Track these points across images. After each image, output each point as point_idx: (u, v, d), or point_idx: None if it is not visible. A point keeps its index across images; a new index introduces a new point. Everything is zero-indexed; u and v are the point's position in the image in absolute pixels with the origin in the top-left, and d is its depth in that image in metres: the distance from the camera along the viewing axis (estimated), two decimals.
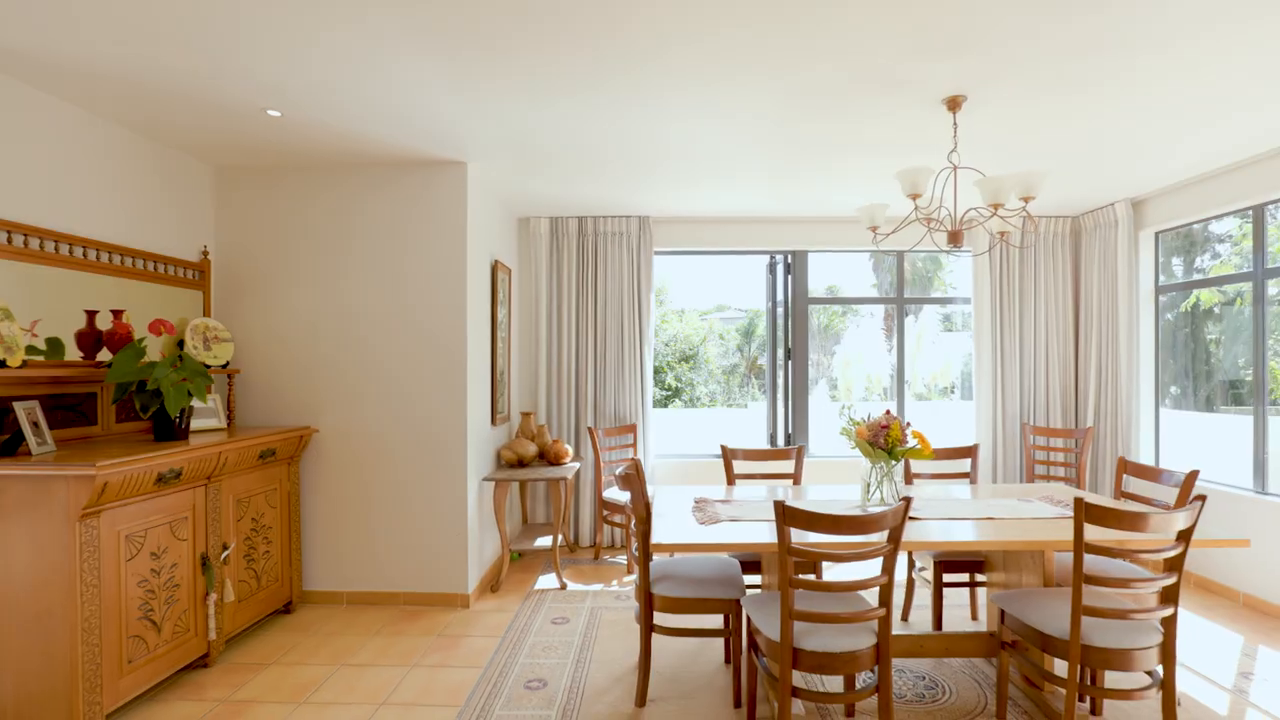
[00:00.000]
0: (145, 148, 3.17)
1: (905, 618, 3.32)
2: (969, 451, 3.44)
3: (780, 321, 5.04)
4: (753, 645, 2.35)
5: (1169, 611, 2.05)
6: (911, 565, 3.33)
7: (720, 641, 3.09)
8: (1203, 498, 2.03)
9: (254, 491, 3.15)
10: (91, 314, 2.81)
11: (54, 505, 2.22)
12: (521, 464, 4.04)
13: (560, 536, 3.93)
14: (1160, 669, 2.14)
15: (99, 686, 2.28)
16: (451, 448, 3.59)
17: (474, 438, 3.69)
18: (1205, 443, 4.01)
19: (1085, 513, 1.98)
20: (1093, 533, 2.21)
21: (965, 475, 3.45)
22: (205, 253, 3.56)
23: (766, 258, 5.10)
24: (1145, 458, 4.33)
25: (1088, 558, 2.89)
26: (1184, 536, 2.04)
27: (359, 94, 2.68)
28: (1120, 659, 2.04)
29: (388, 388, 3.60)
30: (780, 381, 5.03)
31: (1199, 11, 2.02)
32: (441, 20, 2.11)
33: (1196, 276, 7.36)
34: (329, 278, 3.63)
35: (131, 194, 3.09)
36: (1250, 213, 3.73)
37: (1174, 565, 2.06)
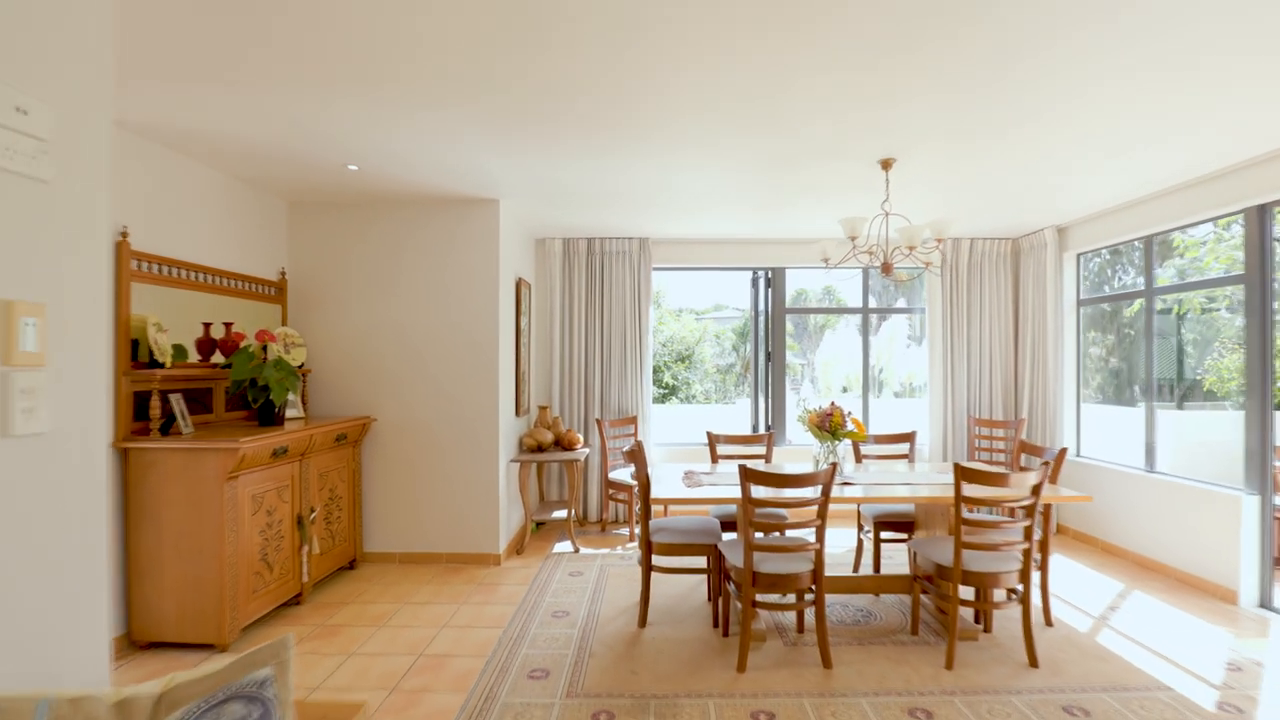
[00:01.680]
0: (244, 192, 3.94)
1: (856, 569, 4.10)
2: (908, 437, 4.22)
3: (762, 328, 5.82)
4: (726, 577, 3.13)
5: (1026, 546, 2.83)
6: (860, 528, 4.10)
7: (704, 588, 3.86)
8: (1046, 463, 2.81)
9: (331, 468, 3.92)
10: (207, 325, 3.57)
11: (206, 471, 2.99)
12: (540, 449, 4.81)
13: (572, 511, 4.70)
14: (1020, 587, 2.91)
15: (236, 608, 3.05)
16: (485, 435, 4.36)
17: (503, 427, 4.45)
18: (1132, 433, 4.79)
19: (961, 474, 2.76)
20: (971, 490, 2.98)
21: (905, 456, 4.23)
22: (283, 273, 4.33)
23: (750, 273, 5.87)
24: (1069, 443, 5.12)
25: (985, 512, 3.67)
26: (1036, 491, 2.82)
27: (423, 155, 3.45)
28: (990, 579, 2.83)
29: (433, 385, 4.36)
30: (761, 380, 5.80)
31: (1078, 82, 2.79)
32: (498, 111, 2.88)
33: (1178, 281, 8.14)
34: (383, 293, 4.39)
35: (232, 228, 3.85)
36: (1141, 242, 4.51)
37: (1030, 511, 2.84)
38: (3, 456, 1.16)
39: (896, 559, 4.43)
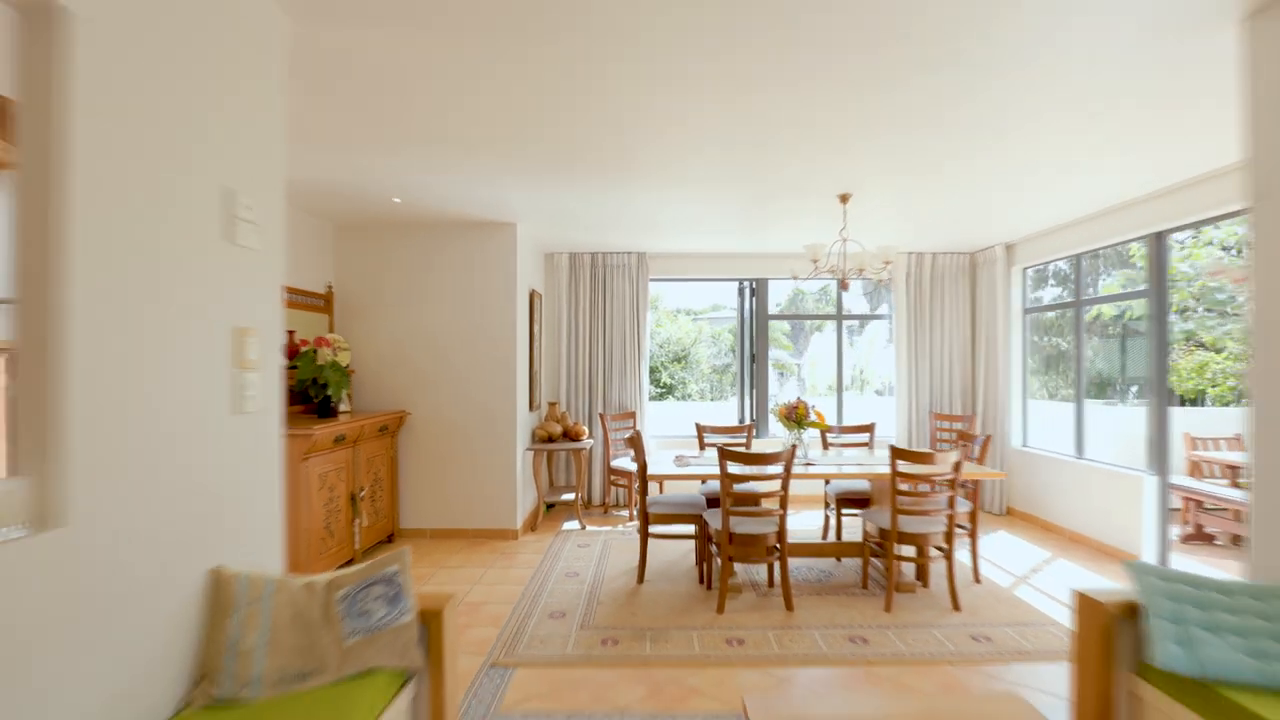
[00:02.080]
0: (301, 217, 4.61)
1: (824, 539, 4.78)
2: (868, 428, 4.91)
3: (747, 333, 6.49)
4: (709, 540, 3.80)
5: (949, 512, 3.50)
6: (827, 505, 4.78)
7: (692, 555, 4.53)
8: (965, 445, 3.48)
9: (375, 454, 4.59)
10: None
11: (285, 454, 3.65)
12: (551, 439, 5.49)
13: (579, 494, 5.37)
14: (945, 545, 3.58)
15: (309, 566, 3.72)
16: (504, 426, 5.03)
17: (519, 420, 5.12)
18: (1072, 425, 5.44)
19: (895, 453, 3.43)
20: (904, 466, 3.64)
21: (866, 445, 4.91)
22: (329, 286, 5.00)
23: (736, 283, 6.55)
24: (1015, 435, 5.80)
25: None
26: (956, 467, 3.49)
27: (457, 190, 4.13)
28: (921, 539, 3.51)
29: (459, 383, 5.04)
30: (746, 379, 6.48)
31: (999, 129, 3.47)
32: (523, 159, 3.56)
33: (1131, 289, 8.83)
34: (416, 304, 5.06)
35: (289, 248, 4.52)
36: (1071, 261, 5.20)
37: (952, 484, 3.51)
38: (238, 425, 1.84)
39: (859, 533, 5.10)
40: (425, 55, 2.36)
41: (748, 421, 6.48)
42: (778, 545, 3.53)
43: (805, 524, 5.41)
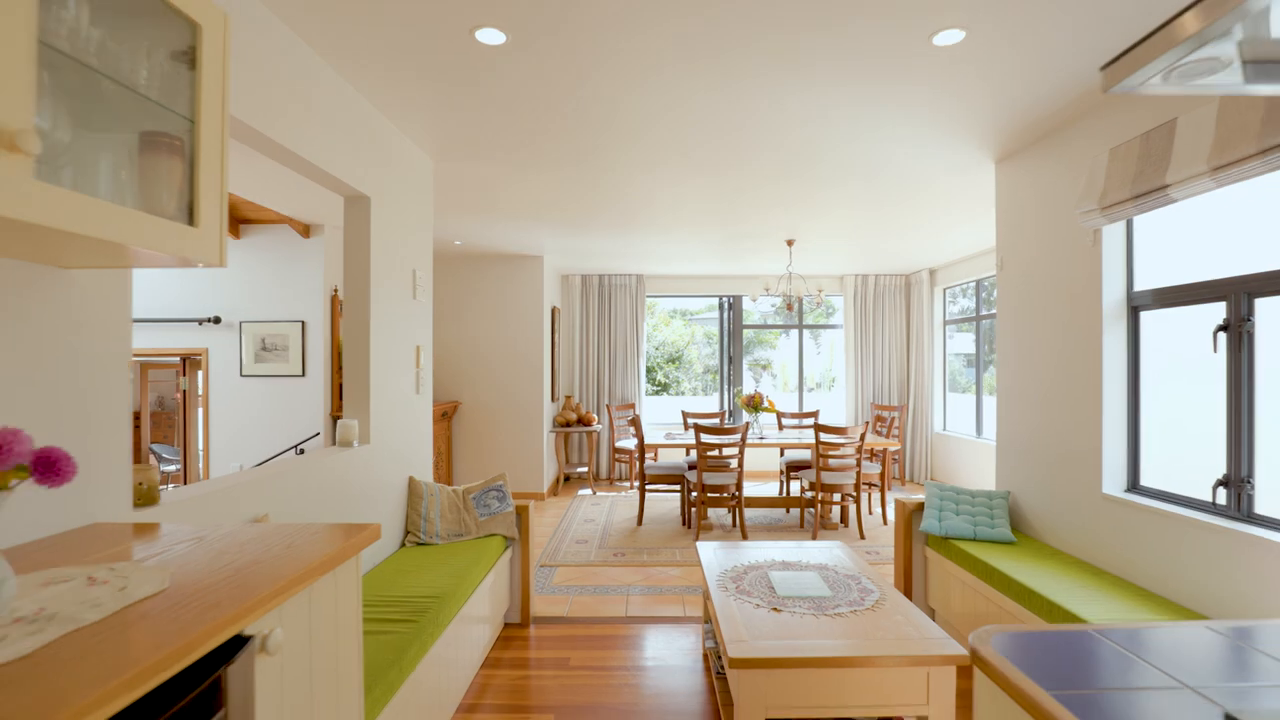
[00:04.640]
0: None
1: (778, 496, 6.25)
2: (814, 414, 6.38)
3: (726, 340, 7.96)
4: (690, 492, 5.26)
5: (856, 468, 4.97)
6: (782, 472, 6.24)
7: (678, 511, 5.98)
8: (868, 422, 4.95)
9: (438, 434, 6.04)
10: None
11: None
12: (568, 425, 6.94)
13: (590, 468, 6.82)
14: (854, 493, 5.05)
15: None
16: (533, 414, 6.48)
17: (544, 408, 6.57)
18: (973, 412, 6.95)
19: (819, 428, 4.90)
20: (826, 436, 5.10)
21: (811, 427, 6.37)
22: None
23: (717, 299, 8.02)
24: (937, 421, 7.28)
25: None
26: (862, 437, 4.96)
27: (505, 237, 5.58)
28: (838, 486, 4.98)
29: (498, 380, 6.48)
30: (726, 378, 7.95)
31: (879, 201, 4.94)
32: (556, 220, 5.02)
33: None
34: (464, 318, 6.51)
35: None
36: (974, 283, 6.69)
37: (858, 450, 4.98)
38: (416, 401, 3.29)
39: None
40: (491, 172, 3.81)
41: (725, 410, 7.94)
42: (736, 493, 5.00)
43: (768, 490, 6.87)
